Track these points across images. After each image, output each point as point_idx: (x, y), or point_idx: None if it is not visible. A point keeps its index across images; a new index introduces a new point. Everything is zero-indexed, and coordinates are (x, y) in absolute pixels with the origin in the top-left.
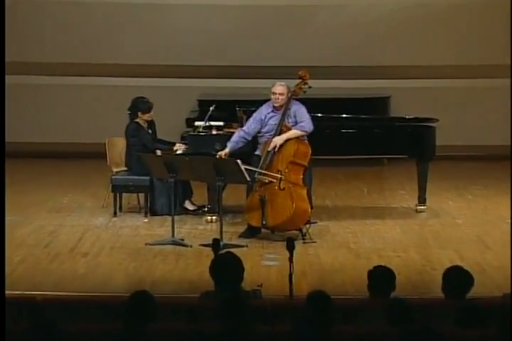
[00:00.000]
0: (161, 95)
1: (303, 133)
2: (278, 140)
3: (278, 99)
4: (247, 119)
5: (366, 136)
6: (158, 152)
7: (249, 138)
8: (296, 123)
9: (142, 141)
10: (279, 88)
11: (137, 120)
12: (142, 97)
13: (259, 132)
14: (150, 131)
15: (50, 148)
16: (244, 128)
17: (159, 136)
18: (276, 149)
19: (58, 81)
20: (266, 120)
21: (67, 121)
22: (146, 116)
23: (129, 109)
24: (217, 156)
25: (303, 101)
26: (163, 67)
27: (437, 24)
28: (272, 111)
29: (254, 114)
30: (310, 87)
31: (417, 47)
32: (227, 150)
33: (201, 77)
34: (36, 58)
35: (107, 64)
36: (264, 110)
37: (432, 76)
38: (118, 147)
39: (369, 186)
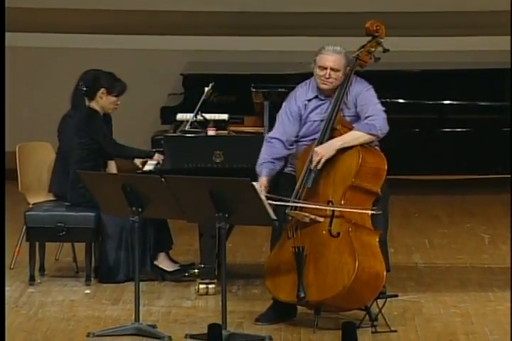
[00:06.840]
0: (119, 64)
1: (371, 137)
2: (325, 151)
3: (329, 77)
4: (270, 109)
5: (486, 139)
6: (113, 167)
7: (292, 150)
8: (357, 117)
9: (97, 141)
10: (332, 58)
11: (92, 105)
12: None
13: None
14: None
15: None
16: (275, 134)
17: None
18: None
19: None
20: (306, 114)
21: None
22: (111, 102)
23: (86, 84)
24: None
25: (370, 77)
26: (121, 15)
27: None
28: (316, 98)
29: (285, 105)
30: (386, 51)
31: None
32: (263, 178)
33: (190, 34)
34: None
35: (22, 8)
36: (300, 96)
37: None
38: (39, 159)
39: (493, 230)
